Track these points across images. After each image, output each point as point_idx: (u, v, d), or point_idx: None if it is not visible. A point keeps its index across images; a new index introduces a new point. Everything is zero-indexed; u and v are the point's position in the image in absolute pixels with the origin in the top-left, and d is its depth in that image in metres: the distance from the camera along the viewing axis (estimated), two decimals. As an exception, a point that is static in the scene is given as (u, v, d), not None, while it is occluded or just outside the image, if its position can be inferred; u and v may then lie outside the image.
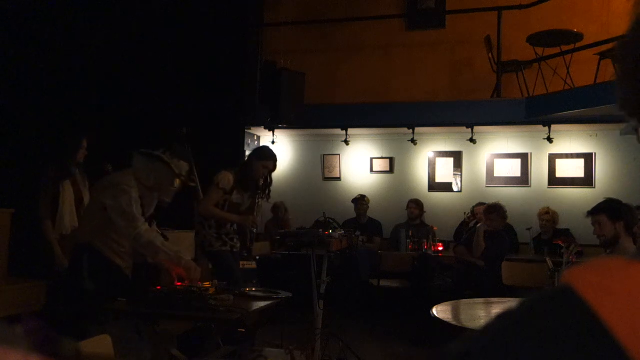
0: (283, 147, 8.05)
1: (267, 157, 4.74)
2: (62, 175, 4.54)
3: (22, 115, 5.64)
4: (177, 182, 3.54)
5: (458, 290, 5.39)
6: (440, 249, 6.83)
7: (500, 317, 0.49)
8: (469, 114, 6.91)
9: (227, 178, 4.62)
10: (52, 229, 4.44)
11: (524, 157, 7.37)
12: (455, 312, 3.62)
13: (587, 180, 7.08)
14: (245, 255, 4.81)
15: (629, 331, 0.43)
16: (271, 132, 7.61)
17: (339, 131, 7.52)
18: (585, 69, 6.35)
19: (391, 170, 7.88)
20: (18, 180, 5.13)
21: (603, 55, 5.96)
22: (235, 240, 4.77)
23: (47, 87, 5.85)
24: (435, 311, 3.37)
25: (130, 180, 3.45)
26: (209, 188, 4.69)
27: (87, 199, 4.68)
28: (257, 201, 4.70)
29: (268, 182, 4.79)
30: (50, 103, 5.83)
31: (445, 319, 3.22)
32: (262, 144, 8.15)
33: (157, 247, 3.31)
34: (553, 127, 6.81)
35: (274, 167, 4.77)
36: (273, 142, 7.62)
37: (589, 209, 3.65)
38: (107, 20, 6.35)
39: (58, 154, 4.60)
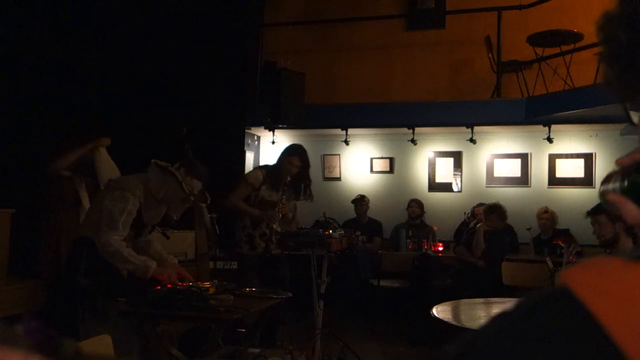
0: (283, 147, 7.99)
1: (291, 152, 4.90)
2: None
3: (23, 115, 5.63)
4: (187, 200, 3.53)
5: (458, 290, 5.39)
6: (440, 249, 6.84)
7: (497, 318, 0.49)
8: (468, 114, 6.91)
9: (255, 174, 4.90)
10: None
11: (524, 157, 7.37)
12: (455, 312, 3.63)
13: (587, 180, 7.08)
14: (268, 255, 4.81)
15: (626, 332, 0.43)
16: (271, 132, 7.61)
17: (339, 131, 7.51)
18: (585, 69, 6.35)
19: (391, 170, 7.88)
20: (18, 180, 5.12)
21: (603, 56, 5.95)
22: (273, 242, 4.79)
23: (43, 89, 5.84)
24: (435, 311, 3.37)
25: (136, 188, 3.42)
26: (239, 183, 4.93)
27: (85, 200, 4.67)
28: (282, 196, 4.77)
29: (306, 181, 4.87)
30: (43, 104, 5.82)
31: (445, 319, 3.22)
32: (262, 144, 8.15)
33: (124, 257, 3.30)
34: (553, 127, 6.81)
35: (302, 163, 4.85)
36: (273, 142, 7.61)
37: (589, 209, 3.65)
38: (106, 19, 6.34)
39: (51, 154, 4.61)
